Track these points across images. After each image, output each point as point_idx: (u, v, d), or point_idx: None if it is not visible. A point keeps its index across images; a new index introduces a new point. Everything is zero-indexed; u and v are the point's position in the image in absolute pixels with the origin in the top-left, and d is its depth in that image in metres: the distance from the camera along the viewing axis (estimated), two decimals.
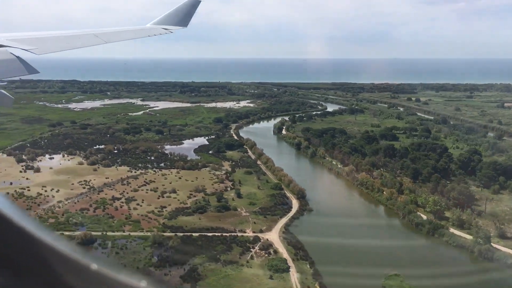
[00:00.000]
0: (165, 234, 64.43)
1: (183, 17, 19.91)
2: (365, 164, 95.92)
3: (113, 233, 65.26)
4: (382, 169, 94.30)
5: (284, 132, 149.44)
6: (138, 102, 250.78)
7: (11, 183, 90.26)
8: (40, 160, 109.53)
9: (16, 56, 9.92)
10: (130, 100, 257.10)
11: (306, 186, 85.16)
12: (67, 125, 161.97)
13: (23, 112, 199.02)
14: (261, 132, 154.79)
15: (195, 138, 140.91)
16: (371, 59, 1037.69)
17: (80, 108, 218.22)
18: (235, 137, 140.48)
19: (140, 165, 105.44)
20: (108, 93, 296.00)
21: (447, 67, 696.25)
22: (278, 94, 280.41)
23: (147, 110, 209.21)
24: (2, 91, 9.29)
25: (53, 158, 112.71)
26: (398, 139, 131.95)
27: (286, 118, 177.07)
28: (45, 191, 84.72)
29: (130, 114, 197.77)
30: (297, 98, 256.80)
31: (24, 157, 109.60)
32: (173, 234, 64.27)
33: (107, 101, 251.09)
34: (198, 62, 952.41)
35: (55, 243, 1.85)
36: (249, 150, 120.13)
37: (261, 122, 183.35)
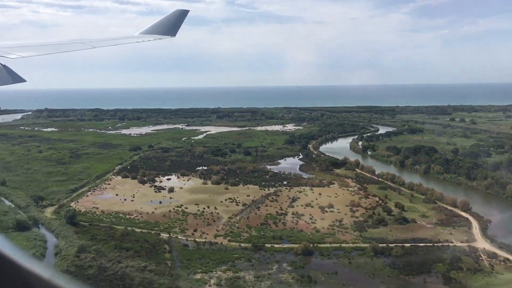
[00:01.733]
0: (363, 245, 64.76)
1: (172, 27, 19.99)
2: (498, 177, 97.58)
3: (320, 245, 65.40)
4: None
5: (369, 152, 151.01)
6: (184, 127, 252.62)
7: (160, 202, 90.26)
8: (161, 181, 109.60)
9: (2, 65, 9.80)
10: (175, 126, 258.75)
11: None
12: (145, 149, 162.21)
13: (86, 138, 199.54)
14: (340, 151, 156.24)
15: (286, 158, 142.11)
16: (362, 85, 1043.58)
17: (136, 134, 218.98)
18: (323, 156, 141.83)
19: (263, 183, 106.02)
20: (143, 120, 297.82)
21: (442, 91, 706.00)
22: (317, 117, 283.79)
23: (204, 135, 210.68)
24: None
25: (170, 179, 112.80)
26: (491, 155, 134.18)
27: (348, 139, 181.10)
28: (203, 208, 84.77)
29: (192, 138, 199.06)
30: (341, 120, 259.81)
31: (144, 178, 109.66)
32: (385, 244, 64.67)
33: (155, 127, 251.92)
34: (191, 91, 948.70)
35: (36, 269, 1.85)
36: (356, 169, 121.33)
37: (327, 143, 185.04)
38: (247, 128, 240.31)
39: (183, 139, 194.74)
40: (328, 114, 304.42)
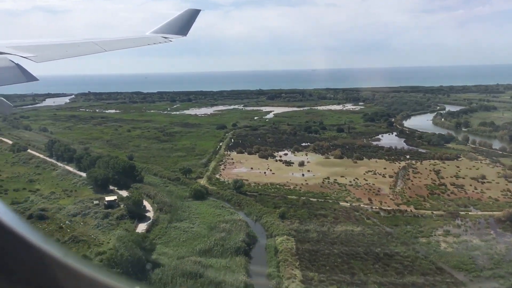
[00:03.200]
0: None
1: (183, 26, 19.71)
2: None
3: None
4: None
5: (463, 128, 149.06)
6: (243, 108, 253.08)
7: (303, 175, 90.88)
8: (280, 156, 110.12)
9: (16, 64, 9.87)
10: (233, 107, 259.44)
11: None
12: (230, 128, 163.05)
13: (159, 118, 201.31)
14: (426, 128, 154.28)
15: (382, 135, 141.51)
16: (374, 68, 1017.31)
17: (201, 114, 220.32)
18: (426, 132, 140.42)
19: (386, 157, 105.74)
20: (194, 102, 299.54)
21: (458, 72, 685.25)
22: (369, 97, 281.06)
23: (271, 115, 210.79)
24: (2, 98, 9.11)
25: (287, 154, 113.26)
26: None
27: (421, 117, 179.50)
28: (353, 180, 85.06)
29: (264, 117, 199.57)
30: (401, 100, 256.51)
31: (264, 153, 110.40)
32: None
33: (212, 108, 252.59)
34: (206, 75, 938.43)
35: (48, 249, 1.83)
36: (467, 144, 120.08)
37: (403, 121, 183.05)
38: (309, 108, 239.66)
39: (255, 118, 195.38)
40: (381, 94, 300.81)
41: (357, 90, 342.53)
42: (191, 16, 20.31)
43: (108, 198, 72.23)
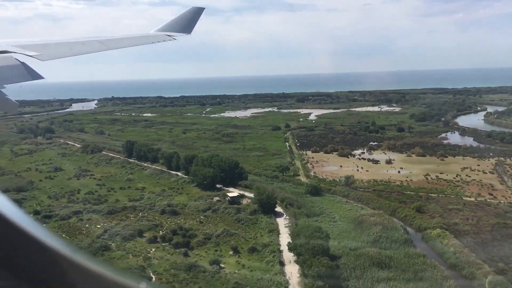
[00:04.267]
0: None
1: (187, 24, 19.55)
2: None
3: None
4: None
5: None
6: (279, 110, 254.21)
7: (399, 171, 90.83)
8: (360, 155, 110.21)
9: (21, 62, 9.83)
10: (268, 109, 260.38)
11: None
12: (284, 129, 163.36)
13: (204, 121, 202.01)
14: (480, 127, 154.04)
15: (445, 134, 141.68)
16: (377, 71, 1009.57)
17: (241, 116, 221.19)
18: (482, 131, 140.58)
19: (468, 154, 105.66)
20: (225, 105, 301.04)
21: (462, 75, 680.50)
22: (400, 99, 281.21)
23: (314, 116, 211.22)
24: (8, 96, 9.02)
25: (363, 152, 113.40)
26: None
27: (467, 117, 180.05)
28: (456, 176, 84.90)
29: (307, 119, 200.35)
30: (439, 101, 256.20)
31: (344, 151, 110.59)
32: None
33: (247, 111, 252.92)
34: (208, 80, 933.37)
35: (56, 245, 1.83)
36: None
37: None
38: (346, 109, 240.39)
39: (301, 119, 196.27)
40: (412, 95, 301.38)
41: (384, 93, 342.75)
42: (195, 14, 20.16)
43: (231, 195, 72.34)
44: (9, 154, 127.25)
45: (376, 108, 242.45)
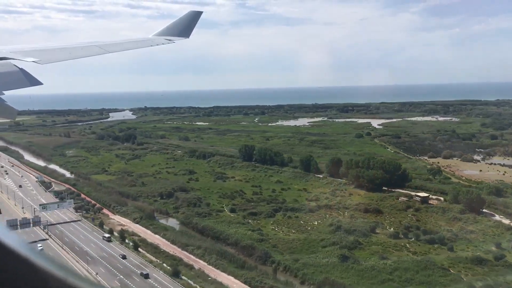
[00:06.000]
0: None
1: (185, 28, 19.61)
2: None
3: None
4: None
5: None
6: (327, 119, 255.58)
7: None
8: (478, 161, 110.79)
9: (20, 68, 9.83)
10: (320, 119, 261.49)
11: None
12: (366, 137, 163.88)
13: (273, 129, 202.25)
14: None
15: None
16: (375, 86, 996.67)
17: (301, 125, 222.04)
18: None
19: None
20: (269, 115, 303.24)
21: (464, 89, 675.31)
22: (445, 110, 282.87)
23: (374, 125, 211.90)
24: (7, 103, 8.97)
25: (483, 158, 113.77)
26: None
27: None
28: None
29: (374, 127, 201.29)
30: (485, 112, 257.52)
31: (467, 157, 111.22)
32: None
33: (304, 120, 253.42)
34: (212, 93, 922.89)
35: (50, 268, 1.78)
36: None
37: None
38: (401, 119, 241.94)
39: (370, 127, 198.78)
40: (455, 106, 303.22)
41: (422, 104, 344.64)
42: (193, 18, 20.25)
43: (421, 195, 72.33)
44: (114, 158, 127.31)
45: (428, 118, 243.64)
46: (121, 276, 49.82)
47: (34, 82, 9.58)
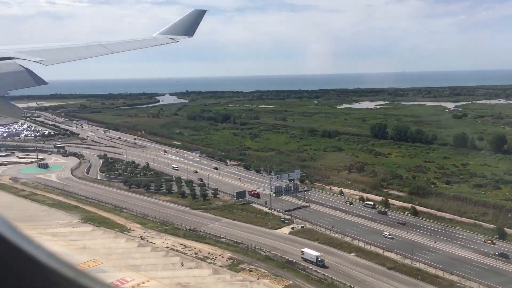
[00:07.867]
0: None
1: (189, 27, 19.73)
2: None
3: None
4: None
5: None
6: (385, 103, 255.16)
7: None
8: None
9: (25, 68, 9.96)
10: (383, 103, 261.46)
11: None
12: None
13: (344, 111, 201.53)
14: None
15: None
16: (380, 73, 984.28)
17: (372, 107, 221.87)
18: None
19: None
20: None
21: (474, 76, 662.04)
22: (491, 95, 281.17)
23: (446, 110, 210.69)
24: (12, 102, 9.00)
25: None
26: None
27: None
28: None
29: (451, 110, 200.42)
30: None
31: None
32: None
33: (365, 104, 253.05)
34: (218, 79, 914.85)
35: (59, 267, 1.80)
36: None
37: None
38: (470, 102, 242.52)
39: (446, 111, 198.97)
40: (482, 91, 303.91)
41: (480, 88, 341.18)
42: (197, 17, 20.30)
43: None
44: (233, 137, 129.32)
45: (496, 101, 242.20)
46: None
47: (39, 81, 9.92)
